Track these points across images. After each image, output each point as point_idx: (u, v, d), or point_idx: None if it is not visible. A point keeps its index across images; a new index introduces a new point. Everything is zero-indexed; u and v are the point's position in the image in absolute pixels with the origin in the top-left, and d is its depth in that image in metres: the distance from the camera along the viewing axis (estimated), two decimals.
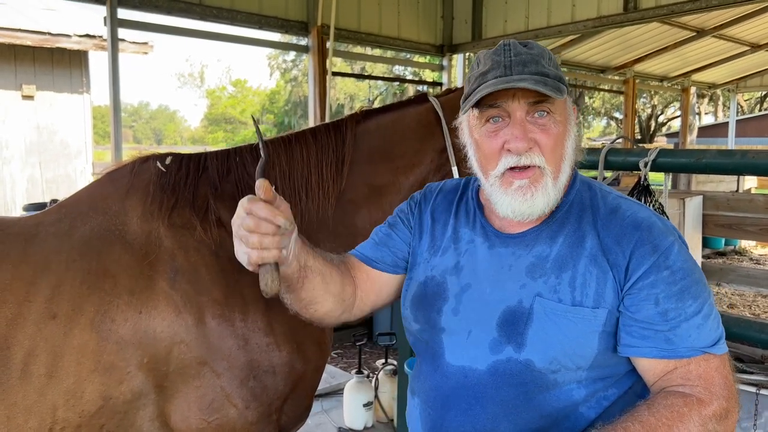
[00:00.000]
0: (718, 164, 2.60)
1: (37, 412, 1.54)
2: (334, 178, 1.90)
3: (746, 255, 9.36)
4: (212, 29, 5.65)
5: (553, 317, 1.17)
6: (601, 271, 1.18)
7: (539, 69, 1.17)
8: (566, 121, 1.22)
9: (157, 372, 1.61)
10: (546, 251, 1.22)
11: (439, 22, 7.37)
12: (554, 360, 1.16)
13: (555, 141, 1.19)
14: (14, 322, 1.55)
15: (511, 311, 1.20)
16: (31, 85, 7.87)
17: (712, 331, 1.15)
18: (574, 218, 1.24)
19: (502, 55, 1.19)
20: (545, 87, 1.14)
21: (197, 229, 1.73)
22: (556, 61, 1.23)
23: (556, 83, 1.17)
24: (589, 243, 1.20)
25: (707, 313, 1.15)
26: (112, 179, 1.83)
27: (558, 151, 1.20)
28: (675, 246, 1.17)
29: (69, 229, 1.71)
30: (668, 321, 1.14)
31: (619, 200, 1.26)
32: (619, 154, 2.93)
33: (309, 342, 1.78)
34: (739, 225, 4.61)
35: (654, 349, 1.15)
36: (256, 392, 1.67)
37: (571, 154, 1.23)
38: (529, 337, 1.18)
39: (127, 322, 1.60)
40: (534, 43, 1.23)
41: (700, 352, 1.13)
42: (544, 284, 1.19)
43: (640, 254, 1.16)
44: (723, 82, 12.72)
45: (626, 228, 1.19)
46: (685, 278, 1.15)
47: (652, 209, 1.29)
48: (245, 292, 1.69)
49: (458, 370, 1.24)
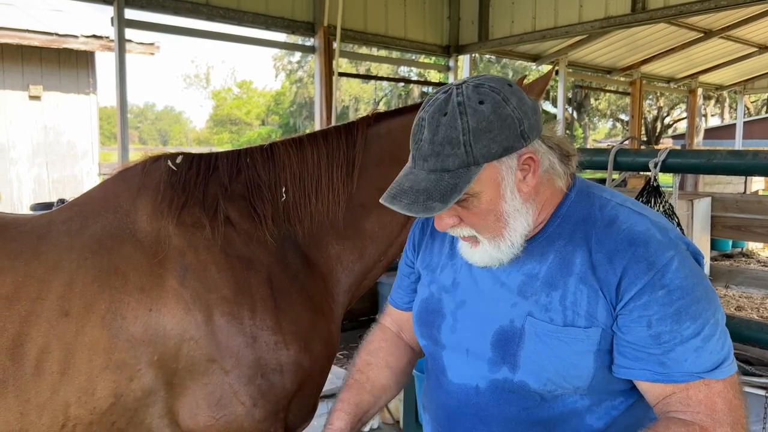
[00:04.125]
0: (730, 165, 2.58)
1: (49, 408, 1.55)
2: (344, 181, 1.90)
3: (753, 257, 9.30)
4: (219, 29, 5.66)
5: (545, 338, 1.13)
6: (591, 290, 1.12)
7: (437, 164, 1.08)
8: (496, 189, 1.12)
9: (167, 369, 1.62)
10: (536, 269, 1.18)
11: (445, 23, 7.37)
12: (549, 381, 1.14)
13: (479, 215, 1.14)
14: (27, 319, 1.56)
15: (503, 331, 1.18)
16: (38, 86, 7.90)
17: (714, 353, 1.07)
18: (566, 233, 1.18)
19: (416, 140, 1.12)
20: (426, 204, 1.07)
21: (207, 227, 1.74)
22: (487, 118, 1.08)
23: (452, 182, 1.08)
24: (579, 259, 1.14)
25: (708, 335, 1.07)
26: (123, 178, 1.84)
27: (488, 220, 1.14)
28: (674, 262, 1.08)
29: (80, 228, 1.72)
30: (661, 344, 1.07)
31: (617, 210, 1.17)
32: (629, 155, 2.92)
33: (316, 341, 1.78)
34: (747, 227, 4.59)
35: (647, 372, 1.09)
36: (264, 390, 1.67)
37: (515, 211, 1.14)
38: (522, 359, 1.15)
39: (137, 320, 1.60)
40: (454, 115, 1.08)
41: (696, 377, 1.06)
42: (535, 303, 1.16)
43: (633, 273, 1.09)
44: (730, 84, 12.69)
45: (620, 243, 1.12)
46: (683, 298, 1.07)
47: (658, 214, 1.20)
48: (254, 291, 1.70)
49: (460, 388, 1.24)
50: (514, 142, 1.09)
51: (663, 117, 24.75)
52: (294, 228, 1.86)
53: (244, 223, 1.79)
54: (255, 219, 1.80)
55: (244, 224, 1.79)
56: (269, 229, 1.80)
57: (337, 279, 1.92)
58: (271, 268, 1.75)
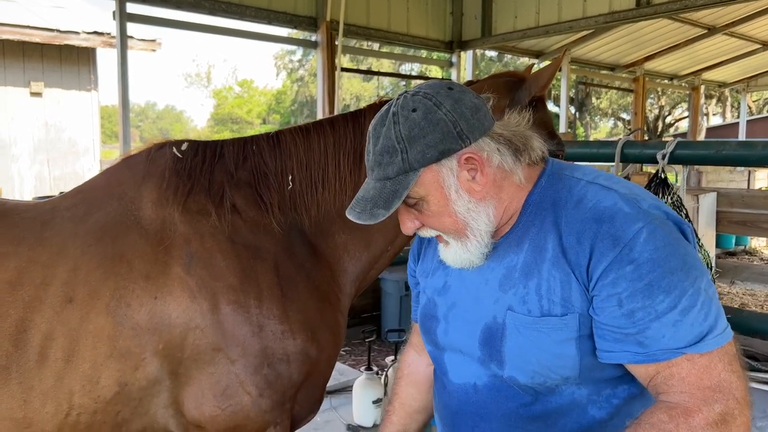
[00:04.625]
0: (740, 156, 2.55)
1: (53, 396, 1.53)
2: (351, 170, 1.88)
3: (756, 255, 9.28)
4: (221, 24, 5.65)
5: (525, 331, 1.12)
6: (563, 274, 1.09)
7: (380, 173, 1.14)
8: (442, 192, 1.14)
9: (172, 358, 1.59)
10: (514, 260, 1.17)
11: (448, 18, 7.34)
12: (536, 374, 1.12)
13: (434, 218, 1.18)
14: (31, 305, 1.54)
15: (488, 329, 1.18)
16: (39, 83, 7.89)
17: (695, 326, 1.01)
18: (538, 219, 1.16)
19: (366, 149, 1.19)
20: (372, 212, 1.14)
21: (212, 215, 1.72)
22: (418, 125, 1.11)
23: (393, 188, 1.12)
24: (551, 244, 1.12)
25: (687, 307, 1.00)
26: (128, 165, 1.82)
27: (444, 221, 1.17)
28: (642, 234, 1.03)
29: (85, 214, 1.70)
30: (635, 323, 1.02)
31: (586, 189, 1.14)
32: (636, 147, 2.89)
33: (323, 330, 1.76)
34: (753, 222, 4.56)
35: (627, 353, 1.04)
36: (270, 380, 1.65)
37: (468, 211, 1.15)
38: (506, 355, 1.14)
39: (142, 308, 1.58)
40: (389, 125, 1.13)
41: (677, 353, 1.01)
42: (513, 296, 1.15)
43: (599, 251, 1.05)
44: (733, 81, 12.66)
45: (587, 222, 1.08)
46: (653, 271, 1.01)
47: (632, 187, 1.16)
48: (260, 279, 1.67)
49: (460, 387, 1.25)
50: (451, 145, 1.11)
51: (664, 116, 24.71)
52: (300, 216, 1.83)
53: (251, 211, 1.77)
54: (261, 207, 1.78)
55: (251, 212, 1.76)
56: (276, 217, 1.78)
57: (344, 268, 1.90)
58: (278, 257, 1.73)
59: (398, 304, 5.28)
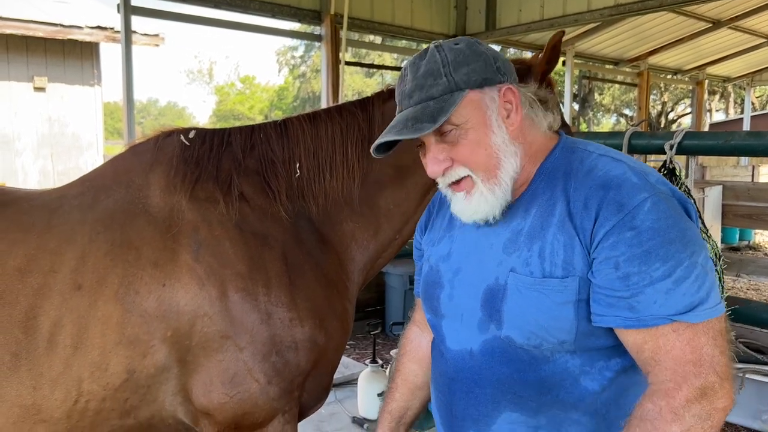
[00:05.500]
0: (749, 146, 2.54)
1: (62, 383, 1.53)
2: (359, 158, 1.87)
3: (761, 250, 9.26)
4: (225, 18, 5.63)
5: (525, 291, 1.14)
6: (567, 237, 1.11)
7: (422, 96, 1.15)
8: (482, 120, 1.16)
9: (180, 346, 1.59)
10: (521, 225, 1.19)
11: (452, 12, 7.32)
12: (532, 335, 1.13)
13: (470, 149, 1.16)
14: (40, 292, 1.54)
15: (489, 289, 1.19)
16: (42, 77, 7.89)
17: (687, 296, 1.03)
18: (549, 187, 1.19)
19: (400, 84, 1.21)
20: (412, 130, 1.13)
21: (220, 203, 1.71)
22: (465, 53, 1.17)
23: (438, 105, 1.13)
24: (558, 209, 1.14)
25: (681, 277, 1.03)
26: (135, 153, 1.82)
27: (479, 155, 1.16)
28: (646, 204, 1.06)
29: (92, 202, 1.69)
30: (629, 287, 1.04)
31: (597, 160, 1.17)
32: (644, 137, 2.88)
33: (331, 318, 1.76)
34: (759, 215, 4.54)
35: (618, 318, 1.06)
36: (278, 367, 1.64)
37: (506, 143, 1.17)
38: (505, 314, 1.16)
39: (150, 295, 1.58)
40: (430, 55, 1.18)
41: (667, 320, 1.03)
42: (517, 258, 1.16)
43: (603, 215, 1.08)
44: (737, 76, 12.61)
45: (595, 188, 1.11)
46: (653, 239, 1.03)
47: (641, 162, 1.20)
48: (268, 267, 1.67)
49: (456, 354, 1.26)
50: (493, 75, 1.17)
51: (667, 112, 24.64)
52: (308, 204, 1.83)
53: (258, 199, 1.76)
54: (269, 195, 1.78)
55: (258, 200, 1.76)
56: (283, 205, 1.77)
57: (351, 256, 1.90)
58: (286, 245, 1.73)
59: (402, 298, 5.28)
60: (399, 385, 1.51)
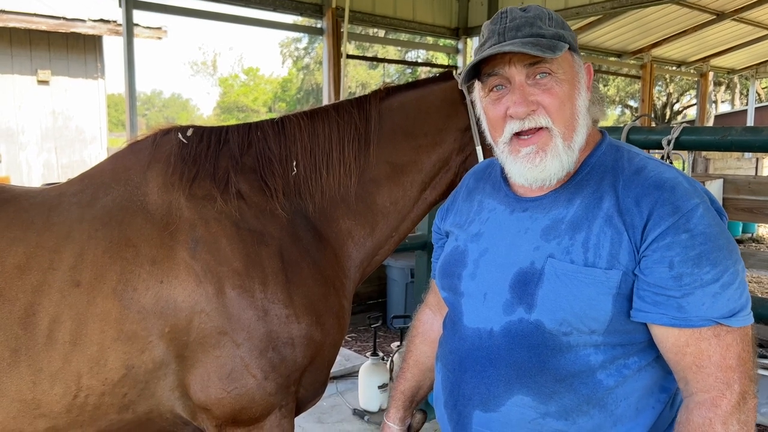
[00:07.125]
0: (746, 141, 2.53)
1: (62, 378, 1.55)
2: (356, 156, 1.89)
3: (764, 243, 9.24)
4: (227, 11, 5.63)
5: (564, 278, 1.15)
6: (615, 232, 1.13)
7: (533, 31, 1.16)
8: (573, 79, 1.20)
9: (178, 342, 1.61)
10: (562, 213, 1.20)
11: (454, 5, 7.29)
12: (564, 321, 1.14)
13: (560, 100, 1.17)
14: (39, 289, 1.56)
15: (523, 272, 1.20)
16: (46, 71, 7.90)
17: (731, 301, 1.08)
18: (595, 180, 1.21)
19: (498, 23, 1.20)
20: (534, 48, 1.13)
21: (218, 200, 1.73)
22: (561, 20, 1.22)
23: (552, 42, 1.15)
24: (606, 204, 1.17)
25: (727, 282, 1.08)
26: (133, 150, 1.83)
27: (565, 110, 1.18)
28: (699, 209, 1.10)
29: (91, 200, 1.71)
30: (682, 287, 1.08)
31: (646, 161, 1.20)
32: (641, 132, 2.88)
33: (328, 314, 1.78)
34: (760, 209, 4.53)
35: (665, 316, 1.10)
36: (275, 363, 1.66)
37: (584, 112, 1.21)
38: (539, 298, 1.17)
39: (148, 291, 1.60)
40: (534, 6, 1.21)
41: (712, 322, 1.07)
42: (557, 246, 1.18)
43: (658, 215, 1.10)
44: (742, 68, 12.53)
45: (648, 188, 1.14)
46: (705, 243, 1.08)
47: (681, 171, 1.24)
48: (265, 264, 1.69)
49: (474, 332, 1.26)
50: (577, 49, 1.24)
51: (672, 103, 24.51)
52: (305, 202, 1.84)
53: (255, 197, 1.78)
54: (266, 192, 1.79)
55: (255, 197, 1.78)
56: (280, 203, 1.79)
57: (348, 254, 1.91)
58: (283, 242, 1.74)
59: (404, 291, 5.30)
60: (411, 365, 1.54)
